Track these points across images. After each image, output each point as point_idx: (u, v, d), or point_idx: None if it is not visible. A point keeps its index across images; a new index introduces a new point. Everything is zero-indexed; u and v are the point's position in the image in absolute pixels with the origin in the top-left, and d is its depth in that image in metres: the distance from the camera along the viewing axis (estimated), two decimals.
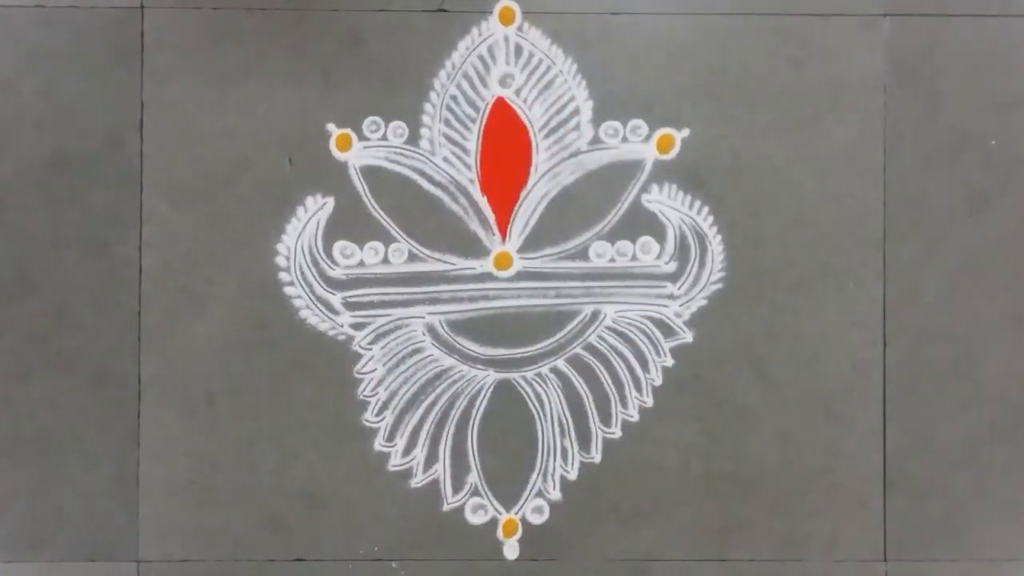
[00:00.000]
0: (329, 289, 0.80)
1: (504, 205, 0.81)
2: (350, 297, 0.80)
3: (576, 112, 0.81)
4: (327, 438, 0.81)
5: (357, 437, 0.81)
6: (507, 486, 0.81)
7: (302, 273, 0.80)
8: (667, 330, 0.81)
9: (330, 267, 0.80)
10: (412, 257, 0.81)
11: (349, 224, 0.81)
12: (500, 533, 0.81)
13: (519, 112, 0.81)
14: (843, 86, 0.82)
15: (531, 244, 0.81)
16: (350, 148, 0.80)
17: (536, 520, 0.81)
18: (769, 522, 0.81)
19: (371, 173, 0.80)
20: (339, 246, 0.81)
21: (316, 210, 0.80)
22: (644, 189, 0.81)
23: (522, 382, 0.81)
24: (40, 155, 0.80)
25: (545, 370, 0.81)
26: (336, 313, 0.80)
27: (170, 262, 0.80)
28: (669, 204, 0.81)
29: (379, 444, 0.81)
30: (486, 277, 0.81)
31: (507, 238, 0.81)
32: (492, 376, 0.81)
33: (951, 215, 0.82)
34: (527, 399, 0.81)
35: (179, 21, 0.80)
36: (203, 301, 0.80)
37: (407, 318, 0.81)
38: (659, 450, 0.81)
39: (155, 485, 0.80)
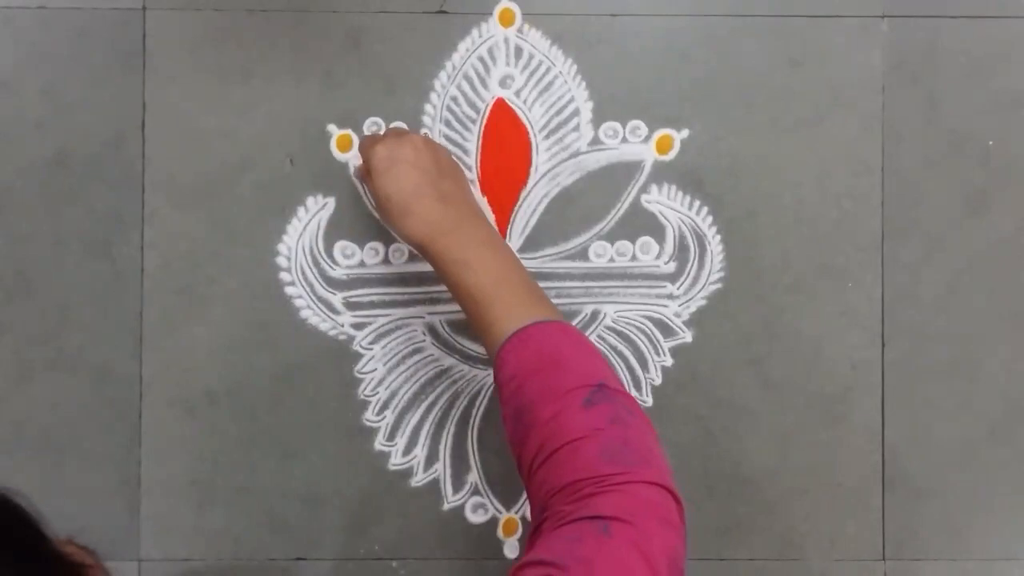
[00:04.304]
0: (330, 289, 0.80)
1: (504, 206, 0.81)
2: (351, 297, 0.81)
3: (576, 113, 0.81)
4: (328, 438, 0.81)
5: (358, 436, 0.81)
6: (507, 485, 0.81)
7: (303, 273, 0.80)
8: (666, 330, 0.81)
9: (331, 267, 0.81)
10: (412, 257, 0.81)
11: (350, 224, 0.81)
12: (500, 532, 0.81)
13: (519, 113, 0.81)
14: (842, 87, 0.82)
15: (531, 244, 0.81)
16: (351, 149, 0.81)
17: None
18: (768, 522, 0.81)
19: None
20: (340, 246, 0.81)
21: (317, 210, 0.81)
22: (643, 190, 0.81)
23: None
24: (41, 155, 0.80)
25: None
26: (337, 313, 0.80)
27: (171, 262, 0.81)
28: (668, 204, 0.81)
29: (379, 443, 0.81)
30: None
31: (507, 238, 0.81)
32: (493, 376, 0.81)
33: (950, 215, 0.82)
34: None
35: (181, 22, 0.81)
36: (204, 301, 0.80)
37: (407, 318, 0.81)
38: None
39: (156, 484, 0.80)
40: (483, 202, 0.81)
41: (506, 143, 0.81)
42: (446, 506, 0.81)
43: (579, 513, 0.48)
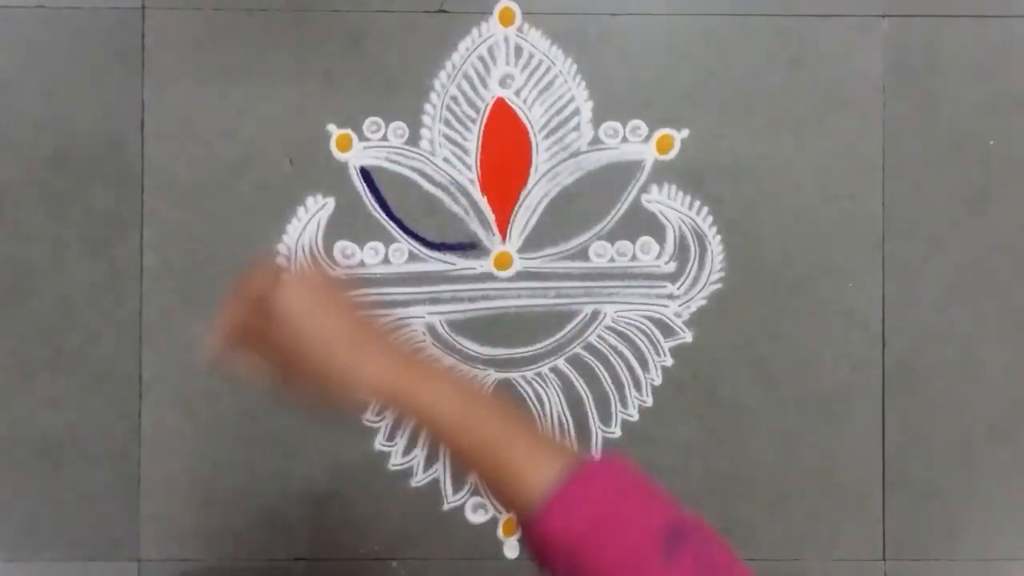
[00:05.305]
0: None
1: (504, 205, 0.81)
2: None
3: (576, 112, 0.81)
4: (327, 438, 0.81)
5: (358, 436, 0.81)
6: None
7: None
8: (667, 330, 0.81)
9: (331, 267, 0.80)
10: (412, 257, 0.81)
11: (350, 224, 0.81)
12: (500, 532, 0.81)
13: (519, 113, 0.81)
14: (842, 86, 0.82)
15: (531, 244, 0.81)
16: (350, 148, 0.80)
17: None
18: (768, 522, 0.81)
19: (371, 173, 0.80)
20: (340, 246, 0.81)
21: (317, 210, 0.81)
22: (644, 189, 0.81)
23: (522, 382, 0.81)
24: (41, 155, 0.80)
25: (545, 370, 0.81)
26: None
27: (171, 262, 0.81)
28: (669, 204, 0.81)
29: (379, 443, 0.81)
30: (486, 277, 0.81)
31: (507, 238, 0.81)
32: (492, 376, 0.81)
33: (950, 215, 0.82)
34: (527, 399, 0.81)
35: (180, 22, 0.81)
36: (204, 301, 0.80)
37: (407, 318, 0.81)
38: (659, 450, 0.81)
39: (156, 485, 0.80)
40: (483, 202, 0.81)
41: (506, 143, 0.81)
42: (446, 506, 0.81)
43: None
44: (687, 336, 0.81)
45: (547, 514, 0.46)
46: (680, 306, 0.81)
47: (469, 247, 0.81)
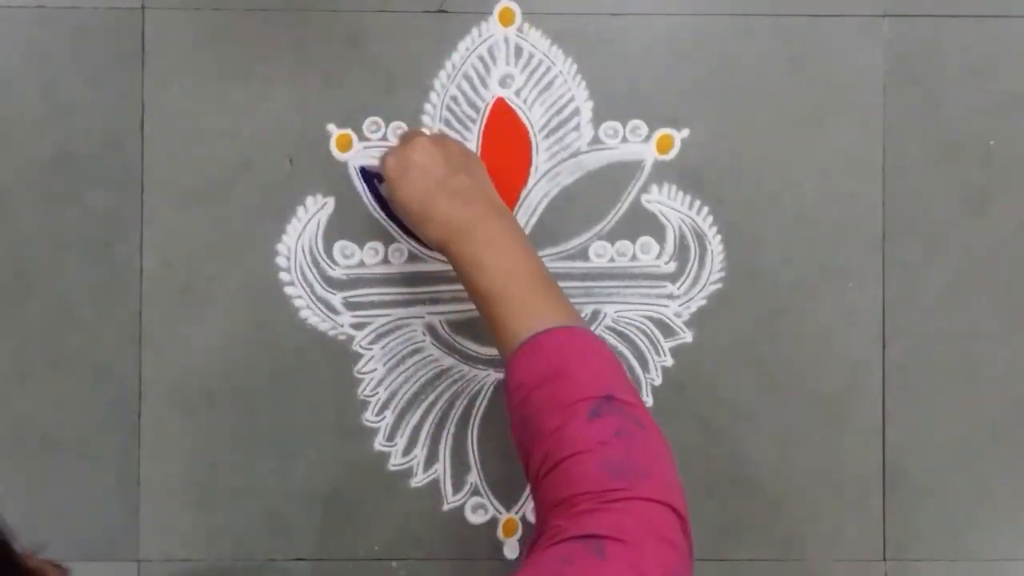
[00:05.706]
0: (329, 289, 0.80)
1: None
2: (350, 297, 0.81)
3: (576, 112, 0.81)
4: (327, 438, 0.81)
5: (357, 437, 0.81)
6: (507, 486, 0.81)
7: (302, 273, 0.80)
8: (667, 330, 0.81)
9: (330, 267, 0.80)
10: (412, 257, 0.81)
11: (349, 224, 0.81)
12: (500, 532, 0.81)
13: (519, 113, 0.81)
14: (843, 86, 0.82)
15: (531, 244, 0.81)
16: (350, 148, 0.80)
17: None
18: (768, 522, 0.81)
19: (371, 173, 0.80)
20: (339, 246, 0.81)
21: (316, 210, 0.81)
22: (644, 189, 0.81)
23: None
24: (40, 156, 0.80)
25: None
26: (336, 313, 0.80)
27: (171, 262, 0.80)
28: (669, 204, 0.81)
29: (379, 444, 0.81)
30: None
31: None
32: (492, 376, 0.81)
33: (951, 215, 0.82)
34: None
35: (180, 22, 0.81)
36: (204, 301, 0.80)
37: (407, 318, 0.81)
38: None
39: (155, 485, 0.80)
40: None
41: (506, 143, 0.81)
42: (446, 506, 0.81)
43: (573, 531, 0.47)
44: (687, 336, 0.81)
45: (516, 354, 0.56)
46: (680, 306, 0.81)
47: None
